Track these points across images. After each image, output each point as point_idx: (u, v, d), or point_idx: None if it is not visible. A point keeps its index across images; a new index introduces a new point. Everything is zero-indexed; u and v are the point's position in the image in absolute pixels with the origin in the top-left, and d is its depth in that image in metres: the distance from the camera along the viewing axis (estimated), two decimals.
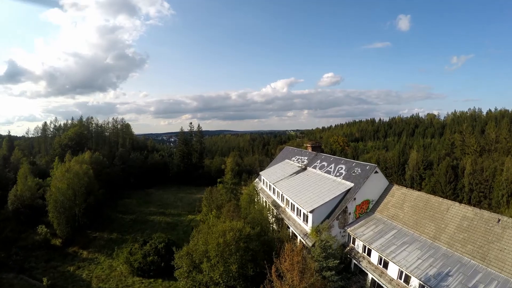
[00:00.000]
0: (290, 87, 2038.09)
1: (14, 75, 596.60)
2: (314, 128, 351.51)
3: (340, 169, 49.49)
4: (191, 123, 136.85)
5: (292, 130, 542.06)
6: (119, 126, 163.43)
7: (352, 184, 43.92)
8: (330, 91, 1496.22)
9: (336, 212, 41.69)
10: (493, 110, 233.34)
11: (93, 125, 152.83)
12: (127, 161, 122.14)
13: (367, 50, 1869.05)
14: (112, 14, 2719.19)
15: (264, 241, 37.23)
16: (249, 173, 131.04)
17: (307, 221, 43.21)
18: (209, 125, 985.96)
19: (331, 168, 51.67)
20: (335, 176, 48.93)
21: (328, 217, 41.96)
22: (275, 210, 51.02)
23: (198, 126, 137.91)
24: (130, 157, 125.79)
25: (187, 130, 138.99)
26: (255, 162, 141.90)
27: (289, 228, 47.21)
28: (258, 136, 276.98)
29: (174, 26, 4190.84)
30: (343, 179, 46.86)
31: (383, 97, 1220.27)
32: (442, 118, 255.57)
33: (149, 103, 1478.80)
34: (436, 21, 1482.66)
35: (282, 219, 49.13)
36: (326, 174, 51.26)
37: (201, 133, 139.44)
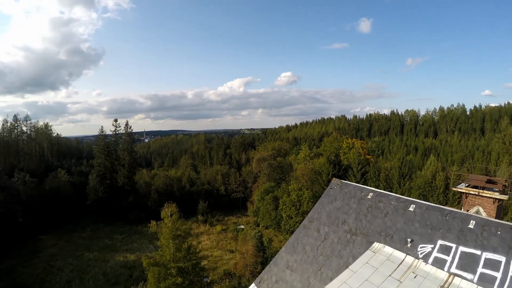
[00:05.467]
0: (246, 86, 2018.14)
1: None
2: (276, 127, 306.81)
3: None
4: (116, 120, 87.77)
5: (247, 129, 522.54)
6: (23, 128, 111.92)
7: None
8: (286, 90, 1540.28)
9: None
10: (445, 107, 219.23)
11: None
12: (7, 188, 72.62)
13: (326, 50, 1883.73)
14: (68, 5, 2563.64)
15: None
16: (208, 196, 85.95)
17: None
18: (162, 125, 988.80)
19: None
20: None
21: None
22: None
23: (126, 125, 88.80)
24: (12, 180, 76.40)
25: (110, 133, 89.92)
26: (216, 176, 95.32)
27: None
28: (215, 137, 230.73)
29: (133, 21, 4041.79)
30: None
31: (338, 96, 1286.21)
32: (420, 115, 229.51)
33: (102, 102, 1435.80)
34: (396, 26, 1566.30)
35: None
36: None
37: (130, 137, 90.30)
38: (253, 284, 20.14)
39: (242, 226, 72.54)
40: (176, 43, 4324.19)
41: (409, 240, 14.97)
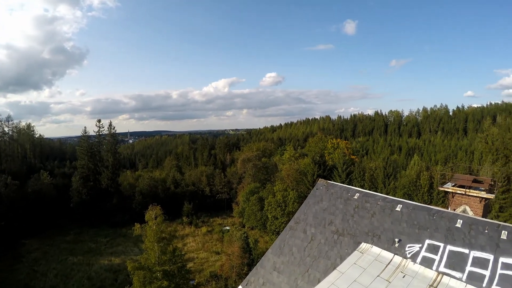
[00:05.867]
0: (231, 87, 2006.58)
1: None
2: (261, 128, 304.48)
3: None
4: (99, 120, 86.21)
5: (231, 130, 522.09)
6: (5, 128, 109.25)
7: None
8: (270, 91, 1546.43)
9: None
10: (428, 108, 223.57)
11: None
12: None
13: (311, 51, 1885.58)
14: (52, 2, 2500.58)
15: None
16: (193, 198, 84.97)
17: None
18: (146, 126, 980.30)
19: None
20: None
21: None
22: None
23: (110, 125, 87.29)
24: None
25: (94, 133, 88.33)
26: (201, 177, 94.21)
27: None
28: (200, 138, 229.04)
29: (118, 20, 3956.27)
30: None
31: (322, 97, 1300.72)
32: (404, 116, 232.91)
33: (86, 102, 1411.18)
34: (381, 27, 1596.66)
35: None
36: None
37: (114, 138, 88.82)
38: (240, 287, 19.72)
39: (227, 227, 71.80)
40: (161, 43, 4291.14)
41: (396, 240, 14.83)
